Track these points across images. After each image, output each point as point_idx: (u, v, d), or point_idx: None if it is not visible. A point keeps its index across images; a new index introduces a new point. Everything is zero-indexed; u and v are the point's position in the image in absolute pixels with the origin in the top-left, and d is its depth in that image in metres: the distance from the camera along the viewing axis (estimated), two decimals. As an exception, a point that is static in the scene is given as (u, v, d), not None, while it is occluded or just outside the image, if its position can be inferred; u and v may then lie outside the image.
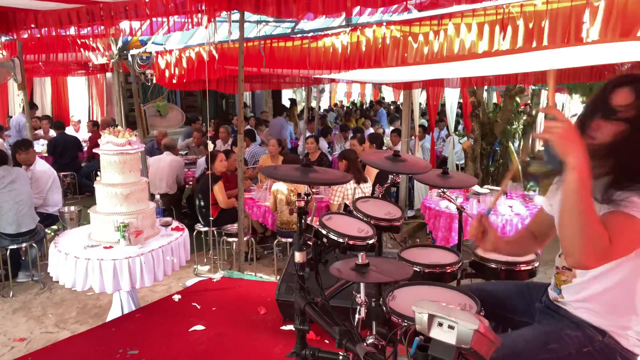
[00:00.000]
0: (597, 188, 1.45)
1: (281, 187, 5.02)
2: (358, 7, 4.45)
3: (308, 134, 9.12)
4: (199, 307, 3.79)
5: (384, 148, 7.02)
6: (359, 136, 7.19)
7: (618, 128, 1.44)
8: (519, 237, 1.98)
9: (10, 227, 4.72)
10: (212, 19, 4.31)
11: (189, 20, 4.33)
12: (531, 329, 1.73)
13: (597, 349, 1.55)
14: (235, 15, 4.75)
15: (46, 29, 5.12)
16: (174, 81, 6.27)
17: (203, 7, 4.16)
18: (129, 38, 6.32)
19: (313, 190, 5.40)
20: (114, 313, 3.79)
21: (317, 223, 2.18)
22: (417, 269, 2.36)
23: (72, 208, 5.27)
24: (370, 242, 2.22)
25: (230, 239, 5.22)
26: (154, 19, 4.57)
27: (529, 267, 2.51)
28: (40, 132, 9.50)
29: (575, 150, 1.31)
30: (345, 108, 18.36)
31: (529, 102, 10.20)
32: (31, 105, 8.31)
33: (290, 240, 5.02)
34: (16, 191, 4.73)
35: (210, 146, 5.35)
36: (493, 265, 2.52)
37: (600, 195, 1.45)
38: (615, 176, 1.46)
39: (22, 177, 4.88)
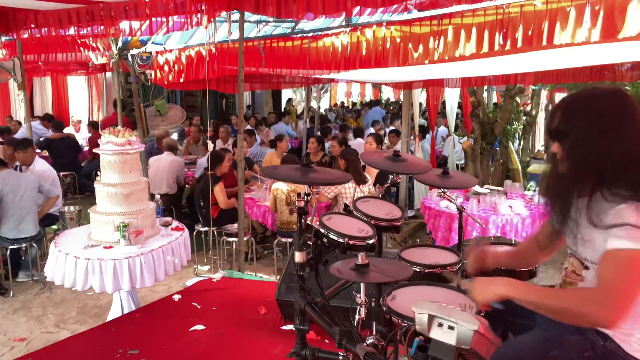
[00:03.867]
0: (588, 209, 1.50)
1: (281, 187, 5.02)
2: (358, 7, 4.46)
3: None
4: (199, 307, 3.78)
5: (383, 148, 7.02)
6: (340, 136, 7.20)
7: (561, 147, 1.57)
8: (525, 249, 2.05)
9: (10, 232, 4.71)
10: (212, 19, 4.32)
11: (189, 20, 4.33)
12: (531, 335, 1.71)
13: (598, 354, 1.53)
14: (235, 15, 4.76)
15: (46, 29, 5.12)
16: (172, 80, 6.26)
17: (203, 7, 4.16)
18: (129, 38, 6.33)
19: (313, 190, 5.40)
20: (114, 313, 3.79)
21: (317, 223, 2.18)
22: (417, 269, 2.35)
23: (72, 208, 5.27)
24: (370, 242, 2.21)
25: (230, 239, 5.22)
26: (153, 19, 4.57)
27: (529, 268, 2.50)
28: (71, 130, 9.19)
29: (493, 286, 1.56)
30: (345, 108, 18.36)
31: (529, 101, 10.20)
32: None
33: (290, 240, 5.02)
34: (20, 197, 4.72)
35: (210, 146, 5.34)
36: (493, 266, 2.51)
37: (595, 218, 1.48)
38: (590, 188, 1.50)
39: (29, 183, 4.86)
